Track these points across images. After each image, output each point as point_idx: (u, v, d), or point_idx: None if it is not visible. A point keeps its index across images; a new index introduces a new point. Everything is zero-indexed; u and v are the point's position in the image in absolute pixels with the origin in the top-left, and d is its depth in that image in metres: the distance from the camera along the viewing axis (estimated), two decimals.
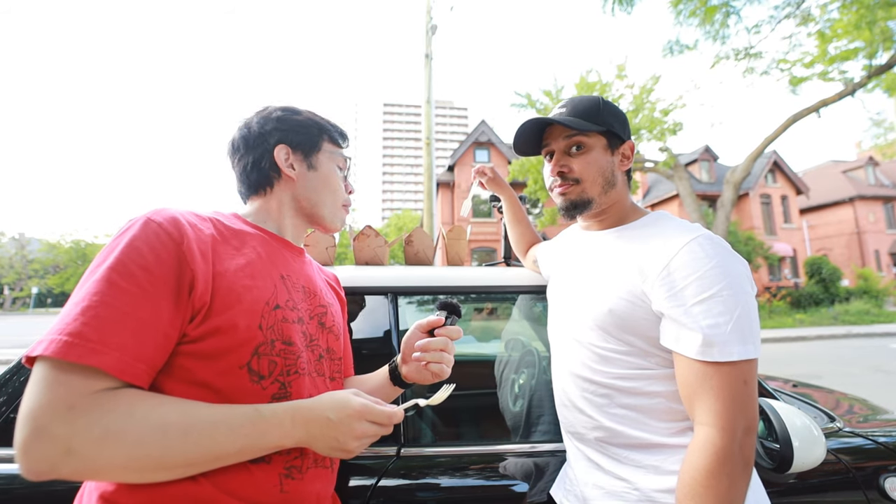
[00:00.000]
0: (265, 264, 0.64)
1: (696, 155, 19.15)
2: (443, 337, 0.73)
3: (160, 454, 0.47)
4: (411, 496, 0.87)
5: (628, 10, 7.34)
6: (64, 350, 0.44)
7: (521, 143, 0.84)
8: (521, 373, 1.46)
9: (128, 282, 0.49)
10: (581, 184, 0.79)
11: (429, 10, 6.99)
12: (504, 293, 1.18)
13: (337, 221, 0.78)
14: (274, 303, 0.62)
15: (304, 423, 0.55)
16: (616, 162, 0.80)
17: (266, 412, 0.54)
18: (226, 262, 0.58)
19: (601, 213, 0.82)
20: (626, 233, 0.78)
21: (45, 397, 0.44)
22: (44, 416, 0.43)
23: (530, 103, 12.36)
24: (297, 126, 0.73)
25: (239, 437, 0.51)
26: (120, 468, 0.46)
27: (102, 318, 0.46)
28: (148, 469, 0.47)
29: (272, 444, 0.54)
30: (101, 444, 0.45)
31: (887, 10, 6.36)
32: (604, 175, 0.78)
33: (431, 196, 6.51)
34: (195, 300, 0.53)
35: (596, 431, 0.74)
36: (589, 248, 0.83)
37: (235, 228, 0.65)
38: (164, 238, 0.53)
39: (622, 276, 0.71)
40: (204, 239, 0.57)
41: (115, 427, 0.45)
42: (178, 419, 0.49)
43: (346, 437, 0.56)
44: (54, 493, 0.76)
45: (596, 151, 0.78)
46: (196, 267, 0.54)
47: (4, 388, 0.81)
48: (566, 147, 0.80)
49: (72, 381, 0.45)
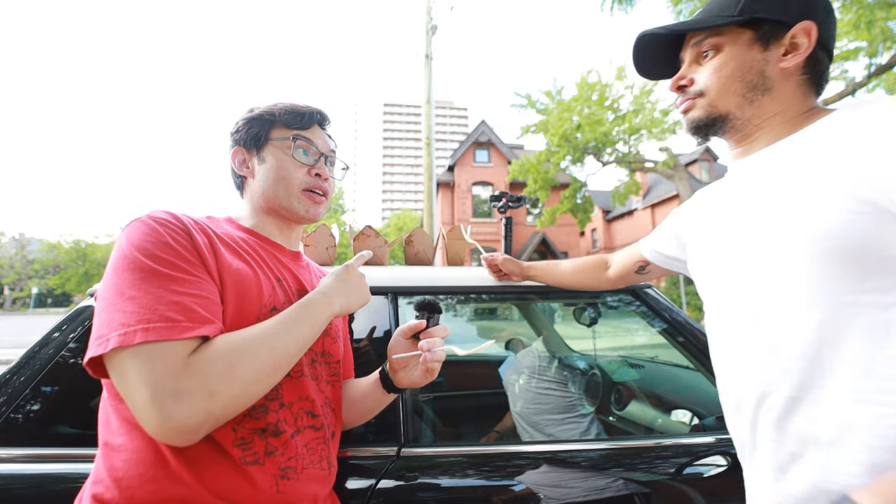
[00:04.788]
0: (260, 267, 0.65)
1: (696, 155, 19.14)
2: (437, 338, 0.71)
3: (271, 357, 0.54)
4: (411, 496, 0.87)
5: (627, 9, 7.33)
6: (157, 333, 0.47)
7: (649, 63, 0.69)
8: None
9: (174, 269, 0.52)
10: (706, 96, 0.61)
11: (429, 10, 6.99)
12: (504, 293, 1.17)
13: (300, 208, 0.71)
14: (271, 304, 0.62)
15: (332, 292, 0.65)
16: (773, 57, 0.58)
17: (305, 300, 0.62)
18: (225, 261, 0.59)
19: (753, 129, 0.61)
20: (807, 134, 0.55)
21: (158, 369, 0.46)
22: (170, 381, 0.46)
23: (530, 104, 12.36)
24: (247, 124, 0.72)
25: (305, 321, 0.59)
26: (253, 383, 0.52)
27: (180, 300, 0.51)
28: (270, 373, 0.54)
29: (326, 316, 0.63)
30: (230, 373, 0.50)
31: (887, 10, 6.36)
32: (744, 79, 0.59)
33: (431, 196, 6.51)
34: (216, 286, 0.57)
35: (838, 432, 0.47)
36: (751, 173, 0.60)
37: (229, 232, 0.66)
38: (175, 229, 0.56)
39: (831, 180, 0.48)
40: (203, 237, 0.59)
41: (229, 356, 0.50)
42: (260, 330, 0.55)
43: (357, 285, 0.70)
44: (54, 492, 0.76)
45: (731, 50, 0.59)
46: (205, 255, 0.57)
47: (4, 388, 0.80)
48: (695, 56, 0.63)
49: (174, 349, 0.48)
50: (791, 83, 0.58)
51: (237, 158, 0.73)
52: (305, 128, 0.72)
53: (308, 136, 0.72)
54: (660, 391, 1.59)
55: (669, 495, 0.92)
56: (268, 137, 0.71)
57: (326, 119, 0.77)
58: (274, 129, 0.71)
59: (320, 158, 0.74)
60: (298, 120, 0.71)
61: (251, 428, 0.58)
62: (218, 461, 0.54)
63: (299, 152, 0.71)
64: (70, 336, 0.86)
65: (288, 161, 0.70)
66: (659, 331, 1.19)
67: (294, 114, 0.71)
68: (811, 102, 0.59)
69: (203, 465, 0.53)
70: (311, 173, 0.72)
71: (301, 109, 0.72)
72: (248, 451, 0.56)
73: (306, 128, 0.72)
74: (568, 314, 1.67)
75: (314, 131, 0.74)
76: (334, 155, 0.78)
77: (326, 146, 0.75)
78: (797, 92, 0.59)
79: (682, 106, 0.65)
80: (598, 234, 24.03)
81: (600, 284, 1.04)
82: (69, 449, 0.80)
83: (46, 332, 0.87)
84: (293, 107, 0.72)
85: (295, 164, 0.71)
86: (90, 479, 0.55)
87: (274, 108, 0.72)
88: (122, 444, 0.52)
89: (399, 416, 0.93)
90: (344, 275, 0.69)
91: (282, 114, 0.71)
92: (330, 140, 0.77)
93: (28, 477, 0.77)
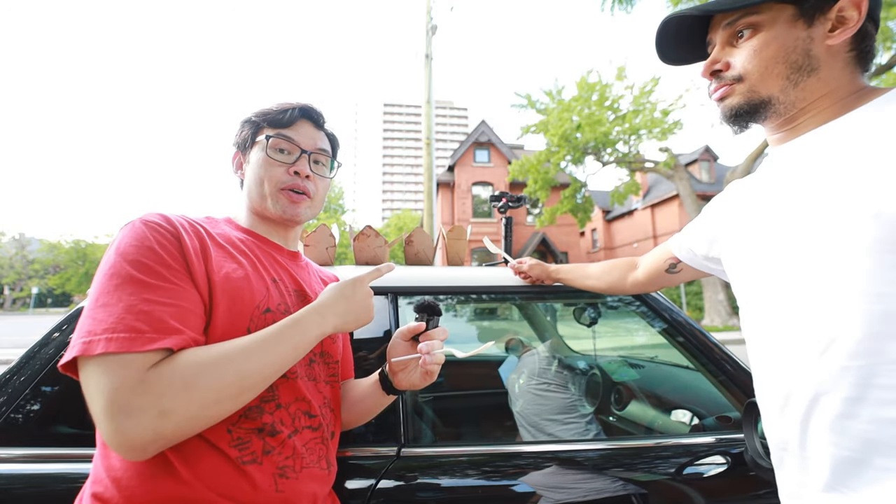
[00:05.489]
0: (256, 268, 0.65)
1: (696, 155, 19.15)
2: (437, 340, 0.70)
3: (238, 377, 0.51)
4: (411, 497, 0.87)
5: (628, 9, 7.35)
6: (118, 344, 0.46)
7: (673, 49, 0.63)
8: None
9: (152, 276, 0.52)
10: (746, 80, 0.55)
11: (429, 10, 6.99)
12: (504, 293, 1.17)
13: (277, 209, 0.69)
14: (264, 306, 0.62)
15: (328, 310, 0.61)
16: (818, 34, 0.52)
17: (297, 316, 0.59)
18: (215, 265, 0.59)
19: (799, 114, 0.55)
20: (860, 115, 0.50)
21: (113, 382, 0.46)
22: (122, 396, 0.45)
23: (530, 104, 12.37)
24: (241, 127, 0.73)
25: (289, 340, 0.56)
26: (214, 404, 0.49)
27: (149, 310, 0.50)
28: (235, 395, 0.51)
29: (315, 336, 0.59)
30: (186, 391, 0.48)
31: (887, 10, 6.36)
32: (787, 60, 0.53)
33: (431, 196, 6.52)
34: (201, 293, 0.56)
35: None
36: (798, 158, 0.55)
37: (225, 233, 0.66)
38: (164, 233, 0.56)
39: (884, 168, 0.44)
40: (194, 240, 0.59)
41: (190, 373, 0.49)
42: (233, 348, 0.52)
43: (361, 304, 0.65)
44: (54, 492, 0.76)
45: (772, 29, 0.53)
46: (191, 260, 0.56)
47: (4, 388, 0.80)
48: (728, 38, 0.57)
49: (133, 362, 0.47)
50: (838, 61, 0.53)
51: (235, 161, 0.75)
52: (287, 125, 0.71)
53: (288, 134, 0.70)
54: (660, 391, 1.59)
55: (669, 495, 0.92)
56: (254, 139, 0.71)
57: (313, 113, 0.73)
58: (260, 130, 0.71)
59: (301, 156, 0.71)
60: (280, 118, 0.70)
61: (247, 428, 0.58)
62: (216, 460, 0.54)
63: (275, 150, 0.69)
64: (70, 336, 0.86)
65: (264, 160, 0.69)
66: (659, 331, 1.19)
67: (276, 112, 0.70)
68: (860, 81, 0.54)
69: (202, 464, 0.53)
70: (290, 171, 0.70)
71: (284, 107, 0.71)
72: (245, 451, 0.56)
73: (288, 125, 0.71)
74: (568, 314, 1.67)
75: (298, 128, 0.71)
76: (322, 153, 0.74)
77: (312, 143, 0.72)
78: (845, 70, 0.53)
79: (718, 93, 0.59)
80: (599, 234, 24.05)
81: (630, 287, 0.97)
82: (69, 449, 0.80)
83: (46, 332, 0.87)
84: (278, 105, 0.72)
85: (271, 162, 0.69)
86: (90, 479, 0.55)
87: (262, 110, 0.72)
88: None
89: (399, 417, 0.93)
90: (349, 291, 0.64)
91: (267, 114, 0.71)
92: (321, 137, 0.75)
93: (28, 477, 0.76)
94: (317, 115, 0.74)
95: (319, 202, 0.75)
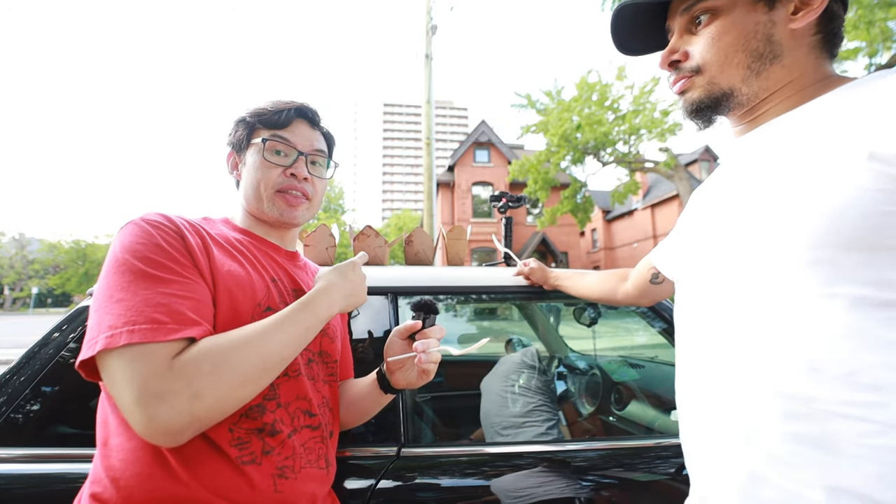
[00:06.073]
0: (255, 267, 0.65)
1: (696, 155, 19.15)
2: (433, 339, 0.70)
3: (260, 359, 0.53)
4: (411, 497, 0.87)
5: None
6: (141, 335, 0.47)
7: (630, 39, 0.60)
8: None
9: (163, 270, 0.53)
10: (705, 72, 0.52)
11: (429, 11, 6.99)
12: (504, 293, 1.18)
13: (274, 211, 0.69)
14: (265, 304, 0.62)
15: (335, 290, 0.65)
16: (781, 17, 0.49)
17: (306, 299, 0.61)
18: (218, 261, 0.60)
19: (761, 104, 0.52)
20: (821, 103, 0.47)
21: (143, 371, 0.46)
22: (154, 383, 0.46)
23: (530, 104, 12.36)
24: (235, 127, 0.72)
25: (302, 322, 0.58)
26: (239, 387, 0.51)
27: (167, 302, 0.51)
28: (258, 377, 0.53)
29: (325, 316, 0.62)
30: (215, 374, 0.49)
31: (886, 10, 6.36)
32: (748, 47, 0.50)
33: (431, 196, 6.52)
34: (208, 288, 0.57)
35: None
36: (751, 150, 0.52)
37: (223, 233, 0.66)
38: (168, 230, 0.56)
39: (838, 156, 0.41)
40: (196, 238, 0.59)
41: (216, 357, 0.50)
42: (251, 332, 0.54)
43: (361, 285, 0.70)
44: (54, 492, 0.76)
45: (731, 15, 0.50)
46: (197, 256, 0.57)
47: (4, 388, 0.80)
48: (686, 24, 0.54)
49: (159, 351, 0.48)
50: (803, 46, 0.49)
51: (230, 161, 0.75)
52: (283, 126, 0.69)
53: (284, 135, 0.69)
54: (660, 391, 1.59)
55: (669, 495, 0.92)
56: (249, 140, 0.70)
57: (309, 112, 0.72)
58: (255, 131, 0.70)
59: (298, 157, 0.70)
60: (276, 119, 0.69)
61: (248, 428, 0.58)
62: (215, 460, 0.54)
63: (272, 153, 0.68)
64: (70, 336, 0.86)
65: (260, 162, 0.68)
66: (659, 331, 1.19)
67: (272, 113, 0.69)
68: (826, 68, 0.51)
69: (200, 464, 0.53)
70: (287, 174, 0.69)
71: (279, 107, 0.69)
72: (244, 451, 0.57)
73: (284, 126, 0.69)
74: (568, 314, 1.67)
75: (294, 129, 0.70)
76: (319, 153, 0.73)
77: (309, 144, 0.71)
78: (809, 56, 0.50)
79: (678, 85, 0.55)
80: (598, 234, 24.03)
81: (621, 299, 0.96)
82: (69, 449, 0.80)
83: (46, 332, 0.87)
84: (273, 105, 0.70)
85: (267, 165, 0.68)
86: (89, 479, 0.55)
87: (256, 109, 0.70)
88: (119, 444, 0.53)
89: (399, 416, 0.93)
90: (350, 272, 0.69)
91: (262, 114, 0.69)
92: (317, 137, 0.74)
93: (28, 477, 0.77)
94: (312, 113, 0.73)
95: (317, 203, 0.75)
